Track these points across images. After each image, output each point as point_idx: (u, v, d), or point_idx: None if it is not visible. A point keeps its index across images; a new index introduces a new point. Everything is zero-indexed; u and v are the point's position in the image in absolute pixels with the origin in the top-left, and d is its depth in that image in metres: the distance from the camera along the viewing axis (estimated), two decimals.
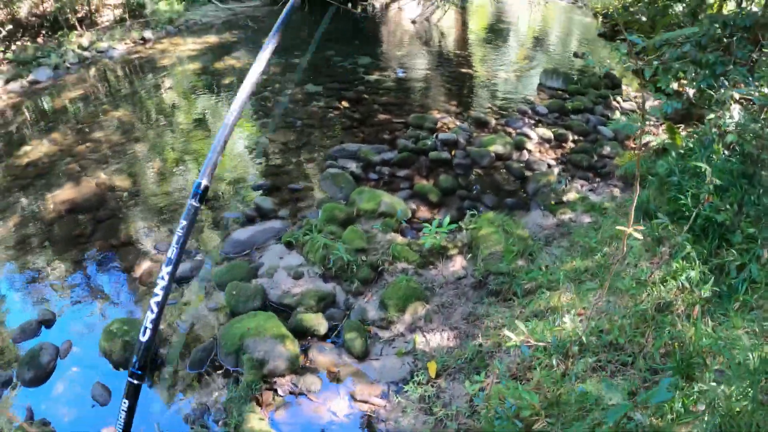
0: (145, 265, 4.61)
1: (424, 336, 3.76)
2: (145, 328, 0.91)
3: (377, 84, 8.98)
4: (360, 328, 3.77)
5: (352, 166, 6.16)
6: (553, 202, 5.39)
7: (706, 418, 2.03)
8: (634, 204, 2.39)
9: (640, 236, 2.33)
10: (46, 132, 7.35)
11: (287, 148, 6.76)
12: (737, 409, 1.99)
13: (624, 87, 9.81)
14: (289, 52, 10.47)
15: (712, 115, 4.03)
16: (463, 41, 13.19)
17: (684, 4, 8.72)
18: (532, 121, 7.62)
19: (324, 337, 3.82)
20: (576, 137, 7.19)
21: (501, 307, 3.85)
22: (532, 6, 16.15)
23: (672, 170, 4.15)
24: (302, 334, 3.78)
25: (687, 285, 3.07)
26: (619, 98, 9.20)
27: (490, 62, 10.99)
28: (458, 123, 7.41)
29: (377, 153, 6.49)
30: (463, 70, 10.22)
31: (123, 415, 0.97)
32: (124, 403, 0.95)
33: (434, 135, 6.95)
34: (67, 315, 4.12)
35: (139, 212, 5.47)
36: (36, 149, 6.79)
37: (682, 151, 4.40)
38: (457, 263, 4.49)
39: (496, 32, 13.81)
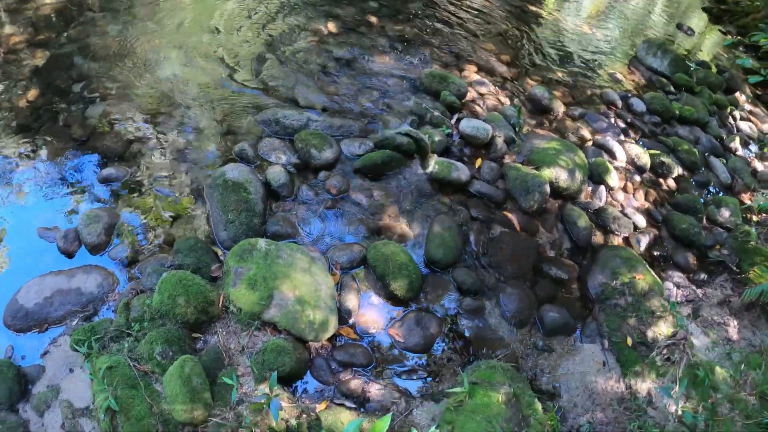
0: None
1: None
2: None
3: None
4: None
5: (280, 160, 3.29)
6: (629, 340, 2.71)
7: None
8: None
9: None
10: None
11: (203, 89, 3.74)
12: None
13: (737, 94, 6.94)
14: None
15: None
16: None
17: None
18: (622, 123, 4.74)
19: None
20: (680, 171, 4.42)
21: None
22: None
23: None
24: None
25: None
26: (735, 112, 6.40)
27: (571, 5, 7.71)
28: (503, 99, 4.49)
29: (334, 138, 3.55)
30: (532, 8, 7.01)
31: None
32: None
33: (454, 117, 4.00)
34: None
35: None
36: None
37: None
38: None
39: None
